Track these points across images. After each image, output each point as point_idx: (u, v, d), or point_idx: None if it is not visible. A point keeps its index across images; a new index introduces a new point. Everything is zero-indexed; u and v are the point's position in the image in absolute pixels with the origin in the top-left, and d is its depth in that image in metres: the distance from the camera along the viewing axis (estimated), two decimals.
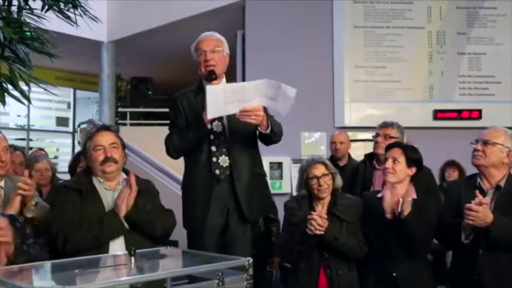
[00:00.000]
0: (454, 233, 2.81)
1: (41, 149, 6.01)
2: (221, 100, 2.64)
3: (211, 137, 2.84)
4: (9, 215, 2.43)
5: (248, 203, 2.85)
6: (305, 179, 3.03)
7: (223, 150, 2.84)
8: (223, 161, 2.83)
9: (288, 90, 2.67)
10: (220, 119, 2.85)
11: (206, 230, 2.82)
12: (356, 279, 2.99)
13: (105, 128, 2.71)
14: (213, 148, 2.84)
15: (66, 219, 2.48)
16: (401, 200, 2.99)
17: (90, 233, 2.44)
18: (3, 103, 2.52)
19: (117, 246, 2.48)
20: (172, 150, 2.90)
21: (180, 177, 3.13)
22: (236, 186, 2.83)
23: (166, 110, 3.09)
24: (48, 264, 1.85)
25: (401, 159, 3.01)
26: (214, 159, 2.83)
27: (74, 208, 2.51)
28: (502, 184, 2.84)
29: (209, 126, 2.80)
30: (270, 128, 2.78)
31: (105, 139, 2.62)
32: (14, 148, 3.87)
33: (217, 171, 2.82)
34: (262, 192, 2.99)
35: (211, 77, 2.80)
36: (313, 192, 3.03)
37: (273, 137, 2.85)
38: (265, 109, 2.74)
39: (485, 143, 2.85)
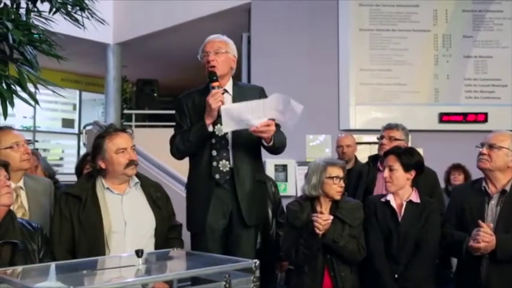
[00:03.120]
0: (458, 245, 2.82)
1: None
2: (236, 118, 2.69)
3: (213, 140, 2.84)
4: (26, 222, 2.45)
5: (248, 208, 2.85)
6: (323, 178, 3.00)
7: (224, 154, 2.84)
8: (224, 165, 2.82)
9: (296, 106, 2.72)
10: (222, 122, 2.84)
11: (207, 232, 2.83)
12: (358, 280, 3.00)
13: (123, 130, 2.68)
14: (214, 152, 2.84)
15: (61, 239, 2.48)
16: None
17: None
18: (12, 105, 2.52)
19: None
20: (175, 151, 2.92)
21: (185, 179, 3.14)
22: (237, 191, 2.83)
23: (172, 112, 3.11)
24: (56, 264, 1.86)
25: (397, 166, 3.02)
26: (214, 163, 2.82)
27: (71, 221, 2.48)
28: (507, 188, 2.83)
29: (211, 128, 2.80)
30: (272, 142, 2.81)
31: (126, 141, 2.60)
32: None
33: (217, 176, 2.82)
34: (262, 199, 3.01)
35: (212, 78, 2.80)
36: (329, 193, 3.00)
37: (274, 150, 2.90)
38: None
39: (491, 146, 2.84)
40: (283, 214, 3.94)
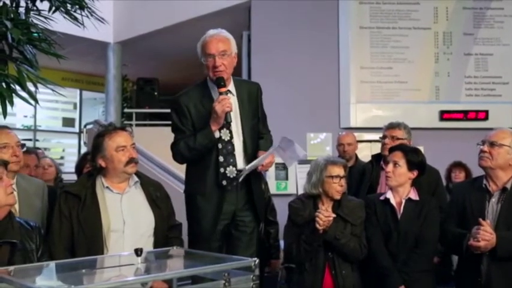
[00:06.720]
0: (458, 243, 2.82)
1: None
2: (249, 168, 2.78)
3: (219, 145, 2.81)
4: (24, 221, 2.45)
5: (261, 206, 2.90)
6: (324, 177, 3.00)
7: (231, 160, 2.81)
8: (231, 172, 2.80)
9: (299, 150, 2.78)
10: (228, 126, 2.81)
11: (213, 236, 2.82)
12: (360, 279, 3.01)
13: (123, 128, 2.67)
14: (221, 158, 2.81)
15: (60, 237, 2.48)
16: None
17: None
18: (12, 104, 2.53)
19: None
20: (179, 159, 2.86)
21: None
22: (253, 192, 2.85)
23: None
24: (56, 264, 1.86)
25: (402, 162, 3.02)
26: (221, 169, 2.80)
27: (70, 219, 2.49)
28: (508, 186, 2.83)
29: (217, 134, 2.77)
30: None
31: (126, 139, 2.59)
32: (28, 151, 3.83)
33: (224, 182, 2.80)
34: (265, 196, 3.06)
35: (220, 84, 2.75)
36: (329, 192, 3.00)
37: None
38: None
39: (492, 144, 2.83)
40: (274, 211, 3.95)
